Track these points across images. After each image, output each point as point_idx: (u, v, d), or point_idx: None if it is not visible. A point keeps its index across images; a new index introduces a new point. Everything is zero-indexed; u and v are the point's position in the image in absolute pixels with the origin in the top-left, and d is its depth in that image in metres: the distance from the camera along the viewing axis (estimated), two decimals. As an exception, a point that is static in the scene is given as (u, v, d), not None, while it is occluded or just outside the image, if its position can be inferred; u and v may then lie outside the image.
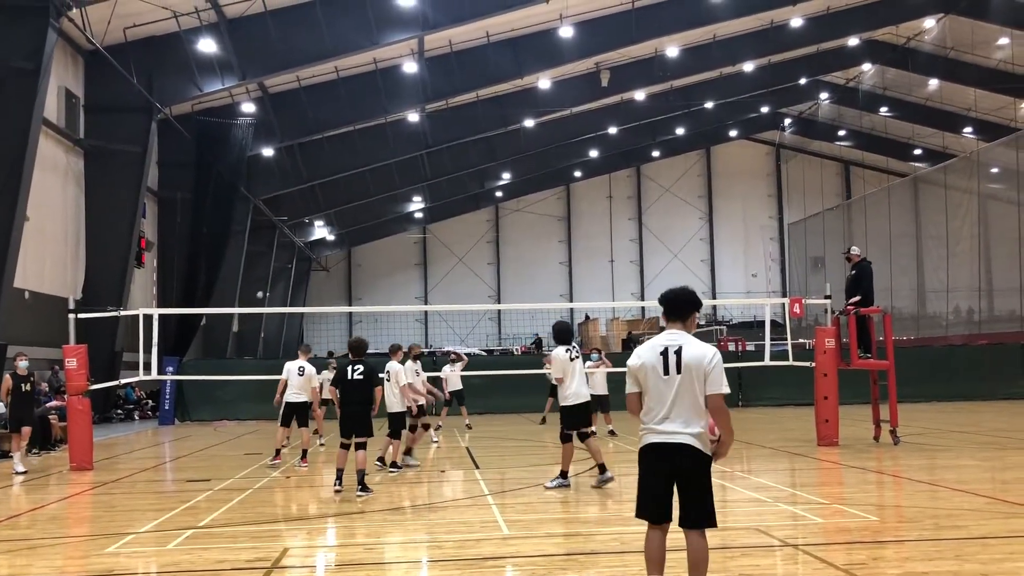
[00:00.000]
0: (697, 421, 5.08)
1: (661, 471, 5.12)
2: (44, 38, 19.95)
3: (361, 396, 11.15)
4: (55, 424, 18.36)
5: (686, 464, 5.07)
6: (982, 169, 38.60)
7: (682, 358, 5.11)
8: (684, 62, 36.88)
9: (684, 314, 5.35)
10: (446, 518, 9.38)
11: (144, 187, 27.35)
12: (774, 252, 58.07)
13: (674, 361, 5.11)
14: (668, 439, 5.10)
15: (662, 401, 5.12)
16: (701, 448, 5.08)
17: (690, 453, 5.06)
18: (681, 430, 5.07)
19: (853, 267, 16.19)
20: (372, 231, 53.14)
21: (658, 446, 5.14)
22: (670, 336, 5.25)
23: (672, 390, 5.10)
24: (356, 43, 27.16)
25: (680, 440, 5.07)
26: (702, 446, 5.08)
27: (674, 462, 5.09)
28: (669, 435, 5.09)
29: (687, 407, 5.08)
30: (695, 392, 5.08)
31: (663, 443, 5.11)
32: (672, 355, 5.13)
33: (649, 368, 5.19)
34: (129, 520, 9.58)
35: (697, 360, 5.10)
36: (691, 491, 5.11)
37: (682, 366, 5.10)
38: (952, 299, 40.05)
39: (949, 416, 21.96)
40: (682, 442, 5.06)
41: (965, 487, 10.34)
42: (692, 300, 5.39)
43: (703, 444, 5.09)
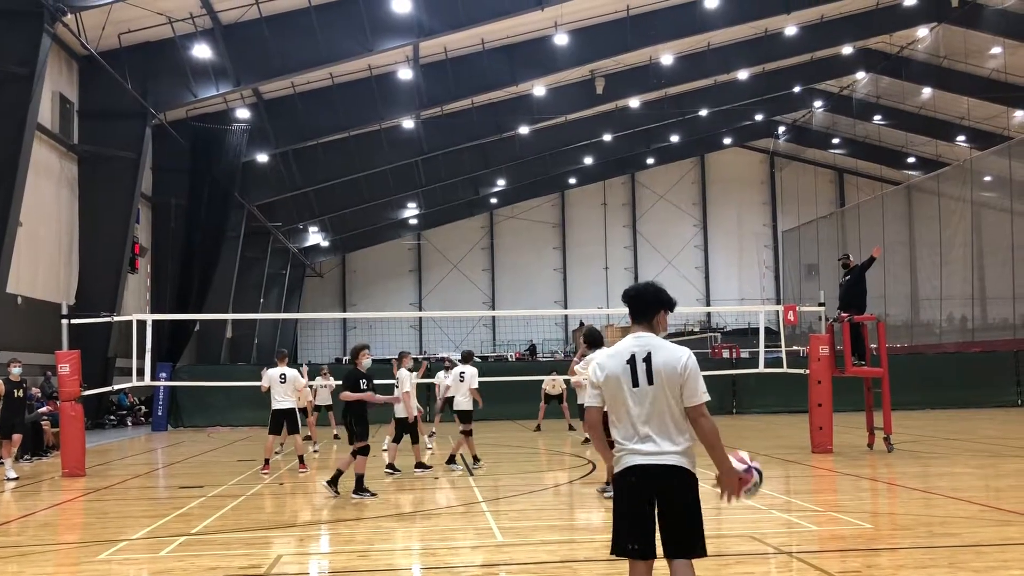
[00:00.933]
0: (680, 435, 4.41)
1: (644, 498, 4.41)
2: (39, 43, 19.94)
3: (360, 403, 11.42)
4: (47, 430, 18.29)
5: (674, 486, 4.39)
6: (975, 177, 38.74)
7: (652, 365, 4.41)
8: (678, 70, 36.98)
9: (649, 313, 4.60)
10: (440, 525, 9.35)
11: (138, 192, 27.30)
12: (768, 259, 58.19)
13: (644, 370, 4.42)
14: (655, 460, 4.39)
15: (638, 417, 4.41)
16: (689, 467, 4.43)
17: (678, 474, 4.40)
18: (667, 449, 4.39)
19: (847, 273, 16.23)
20: (367, 237, 53.13)
21: (643, 469, 4.40)
22: (636, 340, 4.52)
23: (647, 403, 4.40)
24: (351, 50, 27.17)
25: (668, 461, 4.38)
26: (690, 464, 4.44)
27: (660, 485, 4.39)
28: (655, 456, 4.39)
29: (667, 421, 4.40)
30: (672, 403, 4.39)
31: (649, 465, 4.39)
32: (641, 363, 4.43)
33: (615, 380, 4.47)
34: (122, 527, 9.53)
35: (670, 367, 4.40)
36: (680, 515, 4.40)
37: (653, 375, 4.40)
38: (945, 307, 40.15)
39: (943, 423, 21.99)
40: (671, 463, 4.38)
41: (959, 494, 10.35)
42: (658, 298, 4.63)
43: (691, 461, 4.45)
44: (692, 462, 4.44)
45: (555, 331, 55.39)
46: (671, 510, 4.40)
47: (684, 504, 4.41)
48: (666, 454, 4.39)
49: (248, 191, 35.27)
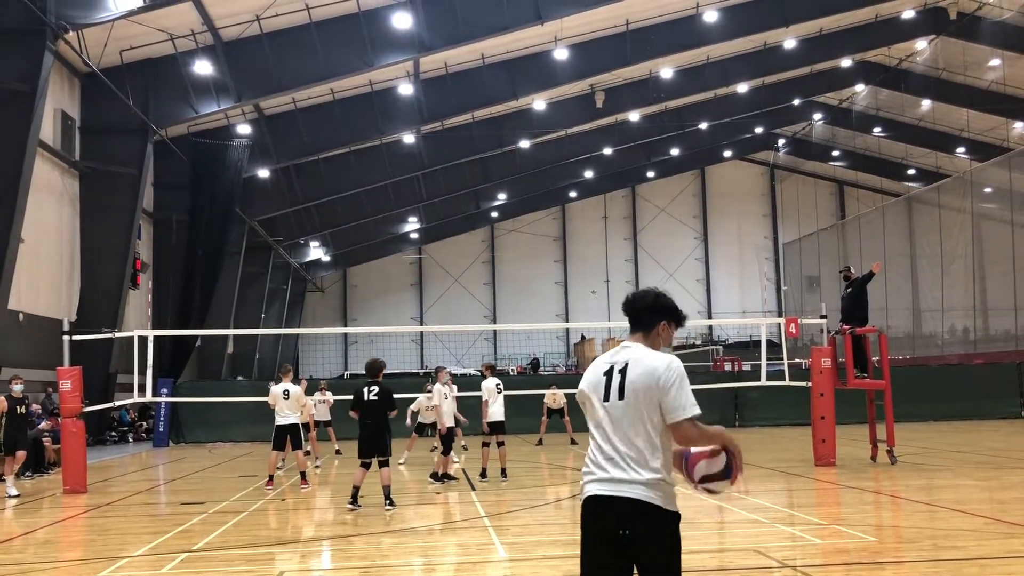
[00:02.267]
0: (655, 461, 3.67)
1: (604, 534, 3.68)
2: (40, 60, 20.03)
3: (377, 416, 11.41)
4: (49, 447, 18.26)
5: (640, 527, 3.61)
6: (975, 189, 38.80)
7: (626, 378, 3.76)
8: (678, 83, 37.10)
9: (645, 323, 3.96)
10: (443, 540, 9.33)
11: (139, 208, 27.34)
12: (769, 272, 58.20)
13: (617, 383, 3.77)
14: (616, 491, 3.66)
15: (604, 437, 3.76)
16: (661, 502, 3.64)
17: (645, 511, 3.62)
18: (634, 477, 3.65)
19: (848, 285, 16.23)
20: (367, 252, 53.16)
21: (603, 501, 3.69)
22: (619, 350, 3.92)
23: (614, 421, 3.74)
24: (352, 65, 27.27)
25: (632, 494, 3.63)
26: (663, 499, 3.65)
27: (622, 524, 3.63)
28: (617, 485, 3.67)
29: (638, 445, 3.68)
30: (648, 424, 3.69)
31: (609, 496, 3.67)
32: (616, 375, 3.79)
33: (588, 393, 3.88)
34: (123, 543, 9.50)
35: (645, 380, 3.71)
36: (645, 564, 3.62)
37: (626, 389, 3.75)
38: (947, 318, 40.12)
39: (946, 436, 21.93)
40: (635, 497, 3.63)
41: (963, 507, 10.31)
42: (657, 305, 3.98)
43: (664, 496, 3.66)
44: (666, 497, 3.68)
45: (556, 344, 55.35)
46: (639, 556, 3.62)
47: (652, 549, 3.63)
48: (631, 484, 3.65)
49: (249, 206, 35.33)
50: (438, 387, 14.42)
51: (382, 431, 11.43)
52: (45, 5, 19.71)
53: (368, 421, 11.44)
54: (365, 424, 11.46)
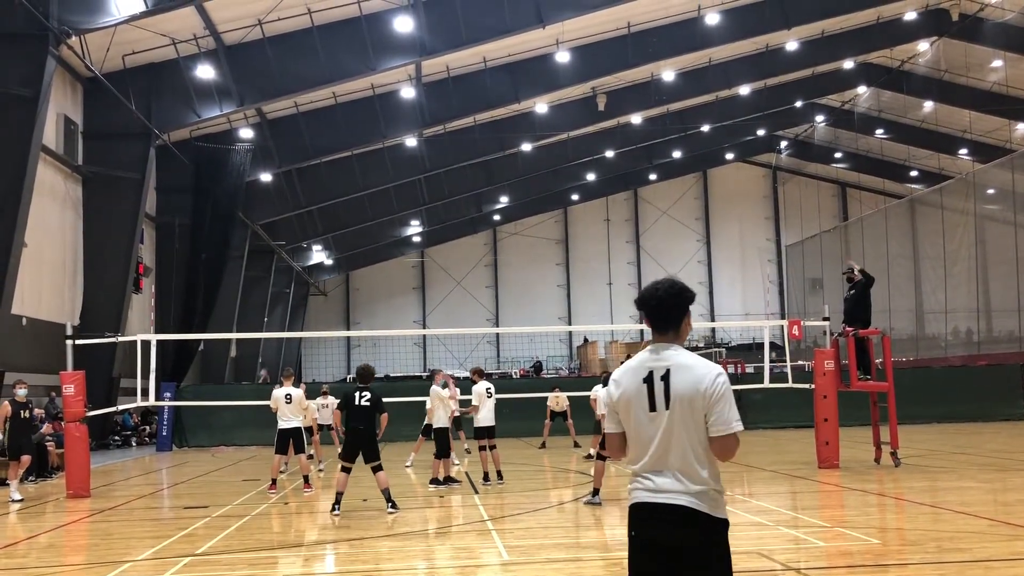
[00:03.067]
0: (696, 472, 3.59)
1: (652, 542, 3.62)
2: (43, 65, 20.06)
3: (367, 421, 11.42)
4: (52, 451, 18.27)
5: (684, 534, 3.57)
6: (978, 190, 38.77)
7: (670, 386, 3.61)
8: (680, 86, 37.11)
9: (672, 320, 3.76)
10: (445, 544, 9.32)
11: (142, 213, 27.38)
12: (772, 274, 58.16)
13: (661, 391, 3.62)
14: (665, 499, 3.60)
15: (649, 446, 3.65)
16: (708, 511, 3.58)
17: (692, 520, 3.57)
18: (682, 488, 3.59)
19: (852, 287, 16.20)
20: (370, 255, 53.18)
21: (650, 508, 3.63)
22: (655, 354, 3.72)
23: (659, 431, 3.63)
24: (354, 69, 27.31)
25: (681, 502, 3.58)
26: (710, 508, 3.58)
27: (672, 531, 3.58)
28: (666, 494, 3.60)
29: (683, 454, 3.60)
30: (692, 431, 3.60)
31: (657, 504, 3.62)
32: (659, 382, 3.64)
33: (628, 401, 3.72)
34: (126, 548, 9.50)
35: (691, 389, 3.59)
36: (694, 572, 3.57)
37: (671, 398, 3.60)
38: (950, 320, 40.07)
39: (949, 437, 21.89)
40: (681, 504, 3.58)
41: (967, 509, 10.29)
42: (680, 300, 3.77)
43: (711, 505, 3.59)
44: (714, 504, 3.61)
45: (559, 347, 55.34)
46: (689, 563, 3.57)
47: (702, 557, 3.57)
48: (680, 494, 3.59)
49: (252, 210, 35.37)
50: (435, 388, 14.43)
51: (371, 436, 11.41)
52: (48, 10, 19.75)
53: (359, 426, 11.40)
54: (355, 429, 11.42)
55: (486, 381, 15.07)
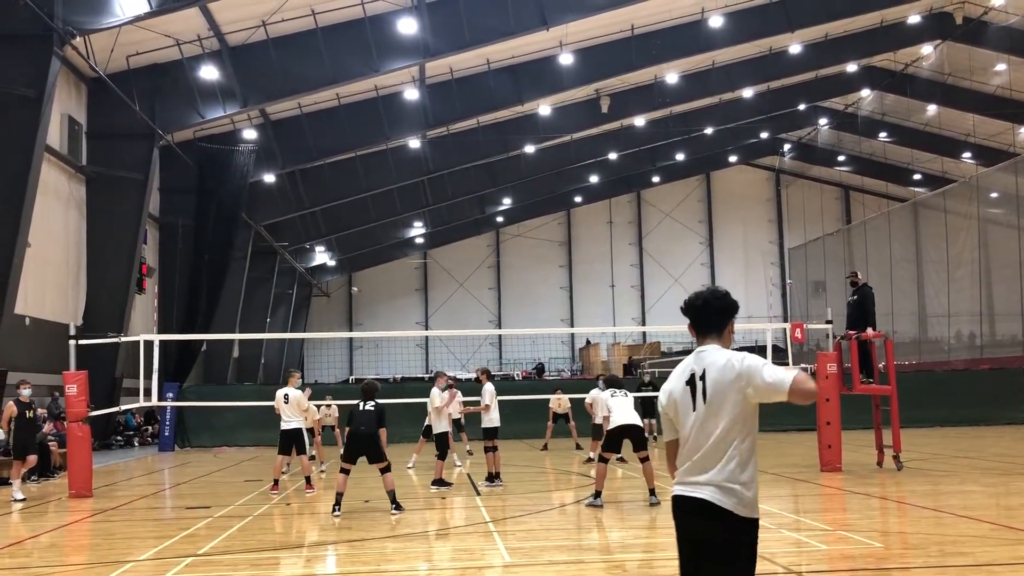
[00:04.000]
0: (727, 469, 3.71)
1: (685, 533, 3.82)
2: (48, 66, 20.09)
3: (370, 424, 11.47)
4: (54, 451, 18.29)
5: (707, 527, 3.71)
6: (982, 194, 38.72)
7: (707, 384, 3.80)
8: (683, 88, 37.10)
9: (713, 326, 3.96)
10: (447, 545, 9.32)
11: (145, 213, 27.42)
12: (775, 277, 58.12)
13: (700, 389, 3.82)
14: (690, 492, 3.79)
15: (692, 442, 3.85)
16: (729, 507, 3.69)
17: (712, 512, 3.69)
18: (703, 480, 3.75)
19: (855, 292, 16.18)
20: (373, 256, 53.22)
21: (679, 499, 3.84)
22: (696, 357, 3.92)
23: (699, 426, 3.82)
24: (357, 70, 27.34)
25: (699, 494, 3.73)
26: (734, 503, 3.69)
27: (696, 523, 3.75)
28: (691, 487, 3.80)
29: (714, 449, 3.76)
30: (726, 428, 3.76)
31: (683, 496, 3.81)
32: (699, 383, 3.83)
33: (675, 405, 3.93)
34: (128, 548, 9.51)
35: (724, 382, 3.75)
36: (712, 563, 3.72)
37: (707, 394, 3.80)
38: (953, 324, 40.01)
39: (952, 441, 21.86)
40: (703, 497, 3.72)
41: (970, 513, 10.28)
42: (723, 305, 3.99)
43: (736, 501, 3.70)
44: (741, 503, 3.70)
45: (562, 349, 55.32)
46: (706, 557, 3.71)
47: (719, 554, 3.68)
48: (706, 486, 3.73)
49: (255, 211, 35.40)
50: (435, 391, 14.43)
51: (374, 438, 11.44)
52: (52, 11, 19.79)
53: (361, 429, 11.45)
54: (358, 432, 11.48)
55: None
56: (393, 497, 11.46)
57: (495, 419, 14.68)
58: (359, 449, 11.46)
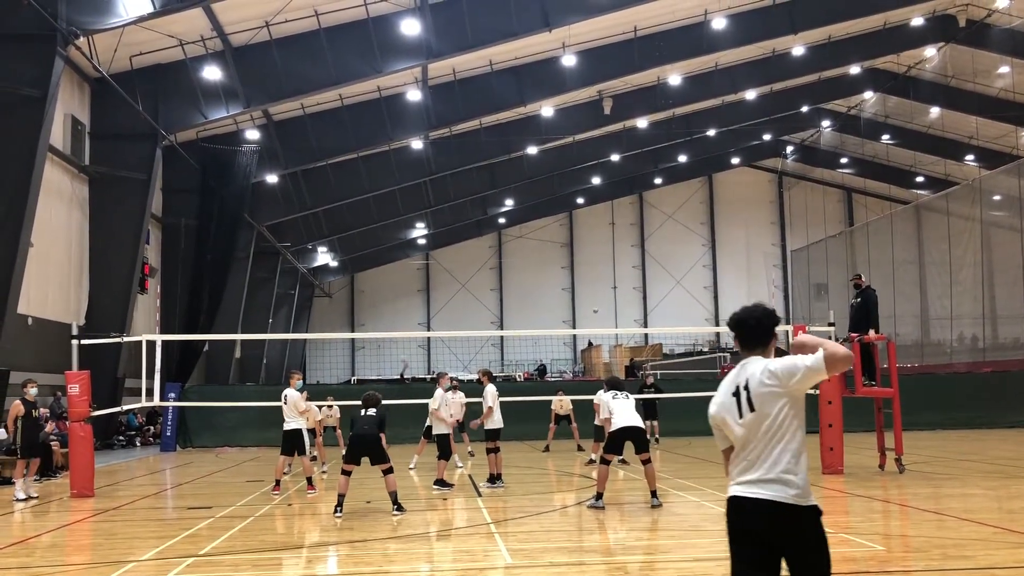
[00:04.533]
0: (788, 461, 3.99)
1: (747, 534, 4.01)
2: (51, 66, 20.12)
3: (372, 426, 11.53)
4: (56, 450, 18.31)
5: (774, 523, 3.94)
6: (984, 197, 38.68)
7: (750, 393, 4.07)
8: (686, 90, 37.10)
9: (755, 342, 4.21)
10: (449, 546, 9.32)
11: (148, 213, 27.45)
12: (777, 279, 58.09)
13: (745, 399, 4.10)
14: (749, 492, 4.00)
15: (742, 449, 4.11)
16: (791, 500, 3.93)
17: (780, 510, 3.93)
18: (760, 477, 4.00)
19: (858, 294, 16.17)
20: (375, 257, 53.25)
21: (738, 500, 4.04)
22: (740, 369, 4.21)
23: (748, 432, 4.08)
24: (360, 71, 27.36)
25: (761, 494, 3.97)
26: (794, 496, 3.93)
27: (763, 522, 3.95)
28: (750, 487, 4.02)
29: (765, 450, 4.03)
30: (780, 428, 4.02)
31: (744, 497, 4.01)
32: (743, 392, 4.11)
33: (723, 417, 4.20)
34: (130, 548, 9.52)
35: (760, 385, 4.04)
36: (793, 559, 3.94)
37: (753, 402, 4.06)
38: (956, 326, 39.96)
39: (954, 444, 21.83)
40: (763, 496, 3.96)
41: (972, 516, 10.26)
42: (773, 323, 4.23)
43: (794, 493, 3.94)
44: (799, 493, 3.94)
45: (563, 351, 55.31)
46: (783, 554, 3.92)
47: (796, 547, 3.92)
48: (762, 484, 3.97)
49: (257, 212, 35.43)
50: (438, 392, 14.46)
51: (376, 440, 11.51)
52: (56, 11, 19.82)
53: (364, 429, 11.54)
54: (360, 433, 11.54)
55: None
56: (395, 498, 11.48)
57: (497, 420, 14.72)
58: (361, 450, 11.51)
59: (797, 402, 4.05)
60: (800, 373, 3.96)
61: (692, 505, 11.98)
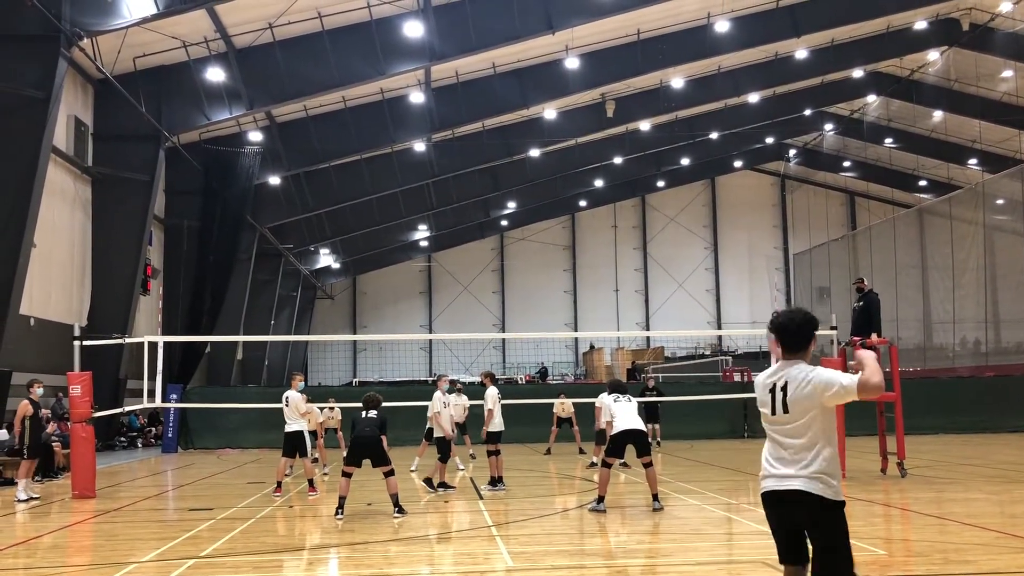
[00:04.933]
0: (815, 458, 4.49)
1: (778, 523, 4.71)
2: (55, 67, 20.16)
3: (373, 428, 11.56)
4: (58, 451, 18.32)
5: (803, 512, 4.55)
6: (987, 200, 38.63)
7: (787, 396, 4.55)
8: (689, 93, 37.11)
9: (795, 346, 4.61)
10: (450, 549, 9.31)
11: (151, 214, 27.48)
12: (779, 282, 58.05)
13: (780, 399, 4.56)
14: (783, 485, 4.56)
15: (776, 442, 4.63)
16: (819, 492, 4.48)
17: (805, 499, 4.49)
18: (792, 473, 4.54)
19: (860, 298, 16.15)
20: (377, 259, 53.27)
21: (772, 495, 4.65)
22: (779, 368, 4.67)
23: (782, 430, 4.58)
24: (363, 73, 27.38)
25: (794, 486, 4.52)
26: (822, 488, 4.48)
27: (792, 510, 4.58)
28: (784, 480, 4.56)
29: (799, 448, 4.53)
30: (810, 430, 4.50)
31: (778, 491, 4.59)
32: (779, 392, 4.58)
33: (760, 408, 4.72)
34: (131, 549, 9.51)
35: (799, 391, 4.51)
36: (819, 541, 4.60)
37: (788, 405, 4.54)
38: (959, 330, 39.90)
39: (956, 448, 21.79)
40: (796, 488, 4.51)
41: (974, 521, 10.24)
42: (814, 327, 4.65)
43: (824, 486, 4.49)
44: (826, 487, 4.48)
45: (565, 353, 55.29)
46: (811, 535, 4.56)
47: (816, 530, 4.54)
48: (792, 478, 4.51)
49: (260, 213, 35.46)
50: (437, 395, 14.44)
51: (377, 442, 11.53)
52: (60, 12, 19.86)
53: (365, 431, 11.57)
54: (362, 435, 11.57)
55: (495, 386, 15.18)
56: (396, 500, 11.49)
57: (498, 423, 14.73)
58: (363, 452, 11.53)
59: (831, 413, 4.49)
60: (834, 390, 4.39)
61: (694, 509, 11.96)
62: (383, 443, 11.63)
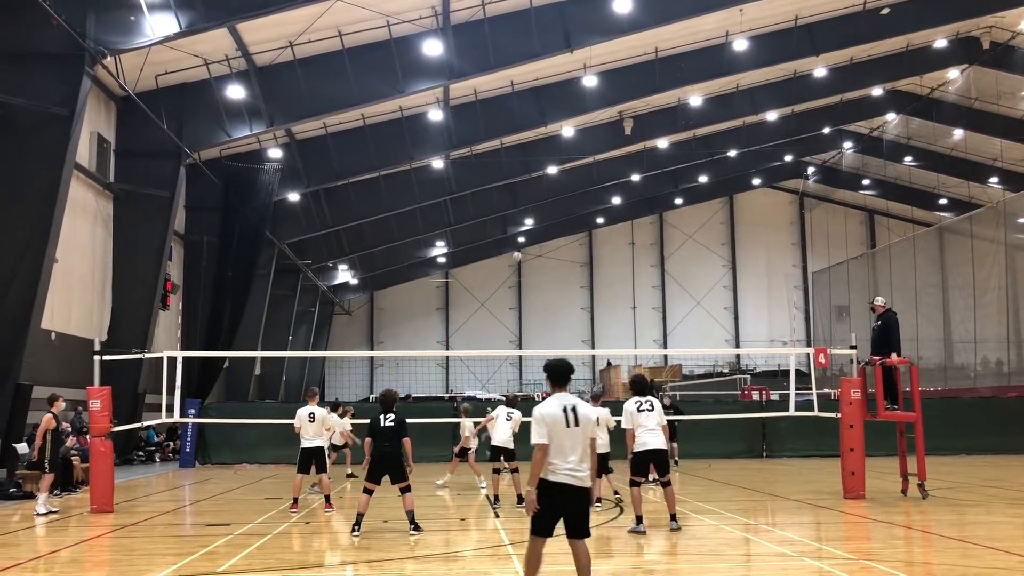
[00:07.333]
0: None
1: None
2: (79, 85, 20.39)
3: (393, 442, 11.55)
4: (77, 465, 18.42)
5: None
6: (1008, 219, 38.29)
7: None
8: (707, 111, 37.09)
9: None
10: (466, 567, 9.28)
11: (171, 230, 27.68)
12: (798, 301, 57.75)
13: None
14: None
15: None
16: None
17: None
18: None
19: (878, 318, 16.04)
20: (395, 275, 53.41)
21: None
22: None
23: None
24: (382, 92, 27.53)
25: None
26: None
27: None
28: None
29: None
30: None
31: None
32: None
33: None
34: (148, 564, 9.54)
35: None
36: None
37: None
38: (980, 350, 39.50)
39: (978, 470, 21.54)
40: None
41: (997, 544, 10.10)
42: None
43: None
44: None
45: (583, 371, 55.13)
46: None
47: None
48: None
49: (279, 230, 35.67)
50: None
51: (397, 457, 11.53)
52: (85, 31, 20.12)
53: (385, 447, 11.51)
54: (382, 451, 11.52)
55: (507, 408, 15.33)
56: (412, 517, 11.46)
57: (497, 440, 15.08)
58: (383, 468, 11.50)
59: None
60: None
61: (711, 529, 11.86)
62: (406, 447, 11.61)
